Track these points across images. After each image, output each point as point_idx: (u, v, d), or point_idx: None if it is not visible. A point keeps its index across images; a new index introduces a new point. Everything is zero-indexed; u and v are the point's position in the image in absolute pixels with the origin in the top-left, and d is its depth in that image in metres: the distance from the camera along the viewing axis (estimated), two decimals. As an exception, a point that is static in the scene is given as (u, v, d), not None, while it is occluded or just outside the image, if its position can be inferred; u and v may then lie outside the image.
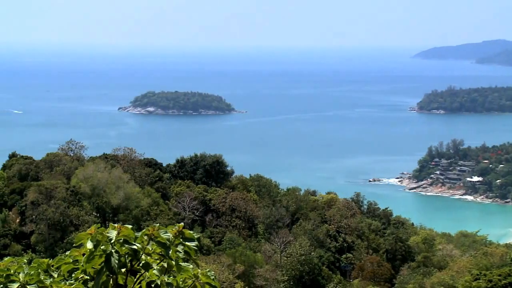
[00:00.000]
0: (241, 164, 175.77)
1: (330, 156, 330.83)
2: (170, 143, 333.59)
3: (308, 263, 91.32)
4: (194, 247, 7.91)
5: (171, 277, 7.79)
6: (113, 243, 7.56)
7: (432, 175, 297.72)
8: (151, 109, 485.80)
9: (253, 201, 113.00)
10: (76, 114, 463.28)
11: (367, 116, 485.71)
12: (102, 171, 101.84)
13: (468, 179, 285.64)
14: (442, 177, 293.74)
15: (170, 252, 7.72)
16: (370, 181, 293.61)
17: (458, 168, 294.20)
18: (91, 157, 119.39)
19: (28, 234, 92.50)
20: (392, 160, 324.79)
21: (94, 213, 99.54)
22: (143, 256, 7.74)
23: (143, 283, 7.78)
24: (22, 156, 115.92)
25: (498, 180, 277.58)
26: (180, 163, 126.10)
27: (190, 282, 7.86)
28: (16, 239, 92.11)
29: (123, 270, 7.67)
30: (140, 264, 7.77)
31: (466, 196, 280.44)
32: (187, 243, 7.89)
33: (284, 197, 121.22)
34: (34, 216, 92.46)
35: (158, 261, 7.81)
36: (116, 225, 7.75)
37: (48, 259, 8.27)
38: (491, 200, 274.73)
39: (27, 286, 7.79)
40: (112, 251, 7.54)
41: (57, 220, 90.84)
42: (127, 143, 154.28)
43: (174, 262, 7.75)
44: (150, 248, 7.75)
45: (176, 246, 7.82)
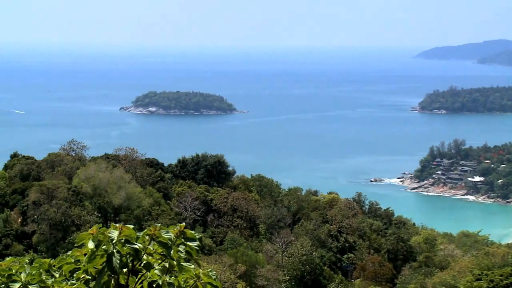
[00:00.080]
0: (242, 164, 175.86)
1: (331, 156, 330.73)
2: (171, 143, 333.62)
3: (310, 263, 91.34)
4: (196, 247, 7.91)
5: (173, 277, 7.80)
6: (114, 243, 7.57)
7: (433, 175, 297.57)
8: (152, 109, 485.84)
9: (254, 201, 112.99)
10: (78, 114, 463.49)
11: (369, 116, 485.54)
12: (103, 171, 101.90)
13: (470, 179, 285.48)
14: (444, 177, 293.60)
15: (172, 252, 7.73)
16: (371, 181, 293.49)
17: (460, 168, 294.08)
18: (92, 157, 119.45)
19: (29, 234, 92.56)
20: (394, 160, 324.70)
21: (96, 213, 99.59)
22: (144, 256, 7.75)
23: (145, 283, 7.78)
24: (24, 156, 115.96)
25: (500, 180, 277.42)
26: (182, 163, 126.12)
27: (191, 282, 7.87)
28: (17, 239, 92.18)
29: (124, 270, 7.68)
30: (142, 264, 7.78)
31: (468, 196, 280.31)
32: (188, 243, 7.89)
33: (286, 197, 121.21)
34: (35, 216, 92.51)
35: (159, 261, 7.81)
36: (117, 225, 7.76)
37: (49, 259, 8.28)
38: (492, 200, 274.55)
39: (28, 286, 7.80)
40: (114, 251, 7.55)
41: (58, 220, 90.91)
42: (128, 143, 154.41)
43: (175, 262, 7.75)
44: (152, 248, 7.75)
45: (178, 246, 7.82)
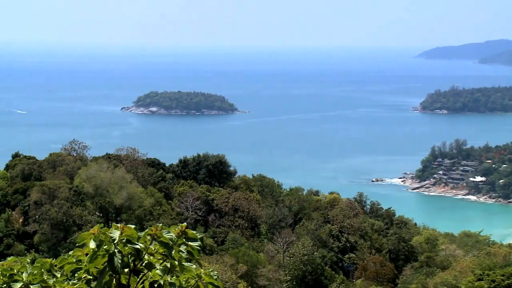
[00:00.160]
0: (243, 164, 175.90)
1: (332, 156, 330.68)
2: (173, 143, 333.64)
3: (311, 263, 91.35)
4: (197, 247, 7.91)
5: (174, 277, 7.80)
6: (116, 243, 7.57)
7: (435, 175, 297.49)
8: (154, 109, 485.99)
9: (256, 201, 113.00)
10: (79, 114, 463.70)
11: (370, 116, 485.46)
12: (105, 171, 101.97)
13: (471, 179, 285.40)
14: (445, 177, 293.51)
15: (173, 252, 7.72)
16: (373, 181, 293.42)
17: (461, 168, 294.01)
18: (94, 157, 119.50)
19: (31, 234, 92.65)
20: (395, 160, 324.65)
21: (97, 213, 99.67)
22: (146, 256, 7.74)
23: (146, 283, 7.78)
24: (25, 156, 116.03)
25: (501, 180, 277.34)
26: (183, 163, 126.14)
27: (193, 282, 7.87)
28: (19, 239, 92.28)
29: (126, 270, 7.68)
30: (143, 264, 7.77)
31: (469, 196, 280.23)
32: (190, 243, 7.89)
33: (287, 197, 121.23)
34: (37, 216, 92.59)
35: (161, 261, 7.81)
36: (119, 225, 7.76)
37: (51, 259, 8.28)
38: (494, 200, 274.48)
39: (30, 286, 7.80)
40: (115, 251, 7.54)
41: (60, 220, 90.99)
42: (130, 143, 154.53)
43: (177, 262, 7.75)
44: (153, 248, 7.75)
45: (179, 246, 7.82)
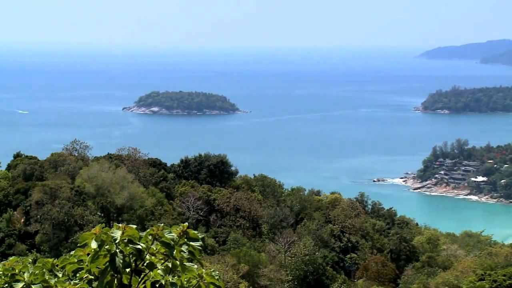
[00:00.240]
0: (245, 164, 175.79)
1: (334, 156, 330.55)
2: (174, 143, 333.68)
3: (313, 263, 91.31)
4: (199, 247, 7.91)
5: (176, 277, 7.80)
6: (117, 243, 7.57)
7: (436, 175, 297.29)
8: (155, 109, 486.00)
9: (257, 201, 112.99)
10: (81, 114, 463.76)
11: (371, 116, 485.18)
12: (106, 171, 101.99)
13: (473, 179, 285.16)
14: (447, 177, 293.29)
15: (175, 252, 7.73)
16: (374, 181, 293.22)
17: (463, 168, 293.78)
18: (95, 157, 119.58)
19: (32, 234, 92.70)
20: (397, 160, 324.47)
21: (99, 213, 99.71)
22: (147, 256, 7.75)
23: (148, 283, 7.79)
24: (27, 156, 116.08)
25: (503, 180, 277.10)
26: (185, 163, 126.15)
27: (194, 282, 7.87)
28: (20, 239, 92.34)
29: (127, 270, 7.68)
30: (145, 264, 7.78)
31: (471, 196, 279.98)
32: (191, 243, 7.89)
33: (288, 197, 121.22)
34: (38, 216, 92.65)
35: (162, 261, 7.81)
36: (120, 225, 7.76)
37: (52, 258, 8.28)
38: (495, 200, 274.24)
39: (31, 286, 7.81)
40: (117, 251, 7.55)
41: (61, 220, 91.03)
42: (131, 143, 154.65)
43: (178, 262, 7.75)
44: (155, 248, 7.75)
45: (181, 246, 7.82)
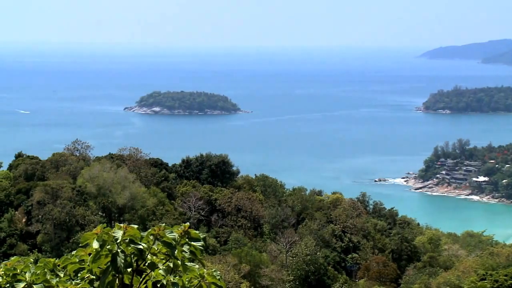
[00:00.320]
0: (246, 164, 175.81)
1: (335, 156, 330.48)
2: (175, 143, 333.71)
3: (314, 263, 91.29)
4: (200, 247, 7.91)
5: (177, 277, 7.80)
6: (119, 243, 7.57)
7: (438, 175, 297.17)
8: (157, 109, 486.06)
9: (258, 201, 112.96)
10: (82, 114, 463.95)
11: (373, 116, 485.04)
12: (108, 171, 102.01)
13: (474, 179, 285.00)
14: (448, 177, 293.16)
15: (176, 252, 7.73)
16: (375, 181, 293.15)
17: (464, 168, 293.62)
18: (97, 157, 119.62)
19: (34, 234, 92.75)
20: (398, 160, 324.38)
21: (100, 213, 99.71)
22: (149, 256, 7.75)
23: (149, 283, 7.79)
24: (28, 156, 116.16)
25: (504, 180, 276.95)
26: (186, 163, 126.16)
27: (196, 282, 7.87)
28: (22, 239, 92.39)
29: (129, 269, 7.68)
30: (146, 264, 7.78)
31: (472, 196, 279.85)
32: (193, 243, 7.89)
33: (290, 197, 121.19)
34: (40, 216, 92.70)
35: (164, 261, 7.81)
36: (122, 225, 7.77)
37: (54, 258, 8.29)
38: (497, 200, 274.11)
39: (33, 286, 7.81)
40: (118, 251, 7.55)
41: (63, 220, 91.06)
42: (133, 143, 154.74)
43: (180, 262, 7.75)
44: (156, 248, 7.76)
45: (182, 246, 7.82)
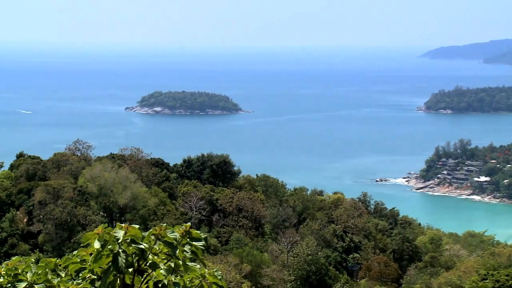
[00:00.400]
0: (248, 164, 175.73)
1: (337, 156, 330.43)
2: (177, 143, 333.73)
3: (315, 263, 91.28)
4: (201, 247, 7.91)
5: (178, 276, 7.80)
6: (120, 242, 7.57)
7: (439, 175, 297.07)
8: (158, 109, 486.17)
9: (260, 201, 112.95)
10: (83, 114, 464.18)
11: (374, 116, 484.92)
12: (109, 171, 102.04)
13: (476, 179, 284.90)
14: (449, 177, 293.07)
15: (177, 251, 7.73)
16: (377, 181, 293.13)
17: (466, 168, 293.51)
18: (98, 157, 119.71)
19: (35, 234, 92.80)
20: (399, 160, 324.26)
21: (101, 213, 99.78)
22: (150, 256, 7.75)
23: (150, 283, 7.79)
24: (30, 156, 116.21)
25: (506, 180, 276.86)
26: (187, 163, 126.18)
27: (197, 282, 7.87)
28: (23, 239, 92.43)
29: (130, 269, 7.69)
30: (147, 264, 7.78)
31: (473, 196, 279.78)
32: (194, 243, 7.89)
33: (291, 197, 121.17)
34: (41, 216, 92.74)
35: (165, 260, 7.82)
36: (123, 225, 7.77)
37: (55, 258, 8.29)
38: (498, 200, 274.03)
39: (34, 286, 7.81)
40: (119, 250, 7.55)
41: (64, 220, 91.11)
42: (134, 143, 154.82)
43: (181, 262, 7.75)
44: (157, 248, 7.76)
45: (183, 246, 7.82)
